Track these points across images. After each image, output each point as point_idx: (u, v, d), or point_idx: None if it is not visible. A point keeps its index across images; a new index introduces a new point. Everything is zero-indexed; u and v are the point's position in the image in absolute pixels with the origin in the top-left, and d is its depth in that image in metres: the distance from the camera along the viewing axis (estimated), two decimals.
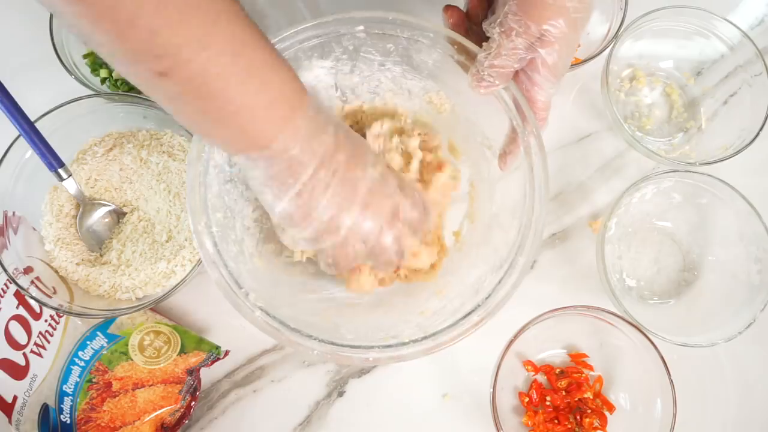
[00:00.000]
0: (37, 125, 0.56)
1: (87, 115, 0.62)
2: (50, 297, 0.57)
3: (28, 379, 0.57)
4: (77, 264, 0.61)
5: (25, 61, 0.70)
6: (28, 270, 0.58)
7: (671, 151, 0.71)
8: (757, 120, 0.65)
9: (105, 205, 0.64)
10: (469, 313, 0.49)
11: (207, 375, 0.62)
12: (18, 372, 0.57)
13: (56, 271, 0.61)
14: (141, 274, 0.60)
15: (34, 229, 0.62)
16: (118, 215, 0.64)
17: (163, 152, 0.64)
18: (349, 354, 0.47)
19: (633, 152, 0.70)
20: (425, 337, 0.49)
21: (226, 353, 0.60)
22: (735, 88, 0.70)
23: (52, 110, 0.59)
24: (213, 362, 0.60)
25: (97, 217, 0.63)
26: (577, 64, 0.67)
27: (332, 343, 0.47)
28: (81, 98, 0.60)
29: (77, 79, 0.63)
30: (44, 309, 0.59)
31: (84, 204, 0.63)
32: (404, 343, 0.48)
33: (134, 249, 0.62)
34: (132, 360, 0.58)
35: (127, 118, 0.64)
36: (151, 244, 0.62)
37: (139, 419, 0.57)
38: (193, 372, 0.59)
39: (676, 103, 0.73)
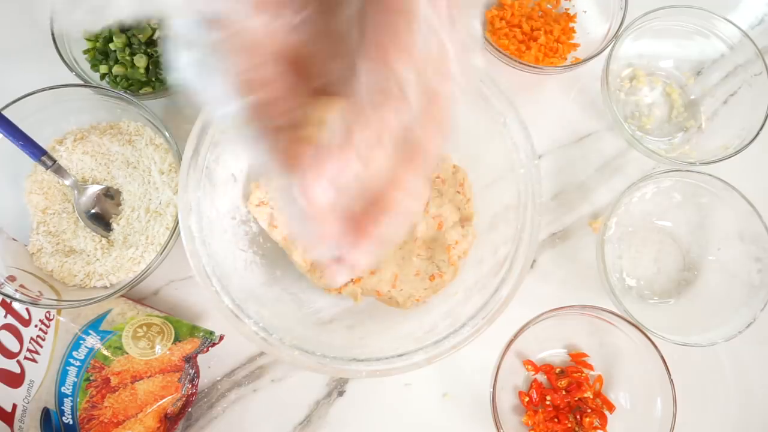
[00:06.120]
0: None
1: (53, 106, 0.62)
2: (38, 300, 0.57)
3: (25, 385, 0.57)
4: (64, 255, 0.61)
5: (22, 52, 0.69)
6: (11, 278, 0.58)
7: (671, 150, 0.71)
8: (757, 120, 0.65)
9: (96, 185, 0.64)
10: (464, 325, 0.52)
11: (207, 375, 0.62)
12: (14, 380, 0.56)
13: (37, 275, 0.60)
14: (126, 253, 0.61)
15: (14, 239, 0.61)
16: (111, 196, 0.64)
17: (125, 141, 0.64)
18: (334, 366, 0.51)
19: (633, 152, 0.70)
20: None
21: (221, 338, 0.60)
22: (735, 88, 0.70)
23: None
24: (209, 348, 0.60)
25: (93, 197, 0.63)
26: (578, 63, 0.67)
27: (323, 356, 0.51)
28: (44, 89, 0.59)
29: (77, 74, 0.62)
30: (33, 315, 0.59)
31: (76, 187, 0.62)
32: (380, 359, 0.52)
33: (131, 227, 0.63)
34: (128, 353, 0.58)
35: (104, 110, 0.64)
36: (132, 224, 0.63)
37: (141, 411, 0.57)
38: (190, 359, 0.59)
39: (676, 103, 0.73)
